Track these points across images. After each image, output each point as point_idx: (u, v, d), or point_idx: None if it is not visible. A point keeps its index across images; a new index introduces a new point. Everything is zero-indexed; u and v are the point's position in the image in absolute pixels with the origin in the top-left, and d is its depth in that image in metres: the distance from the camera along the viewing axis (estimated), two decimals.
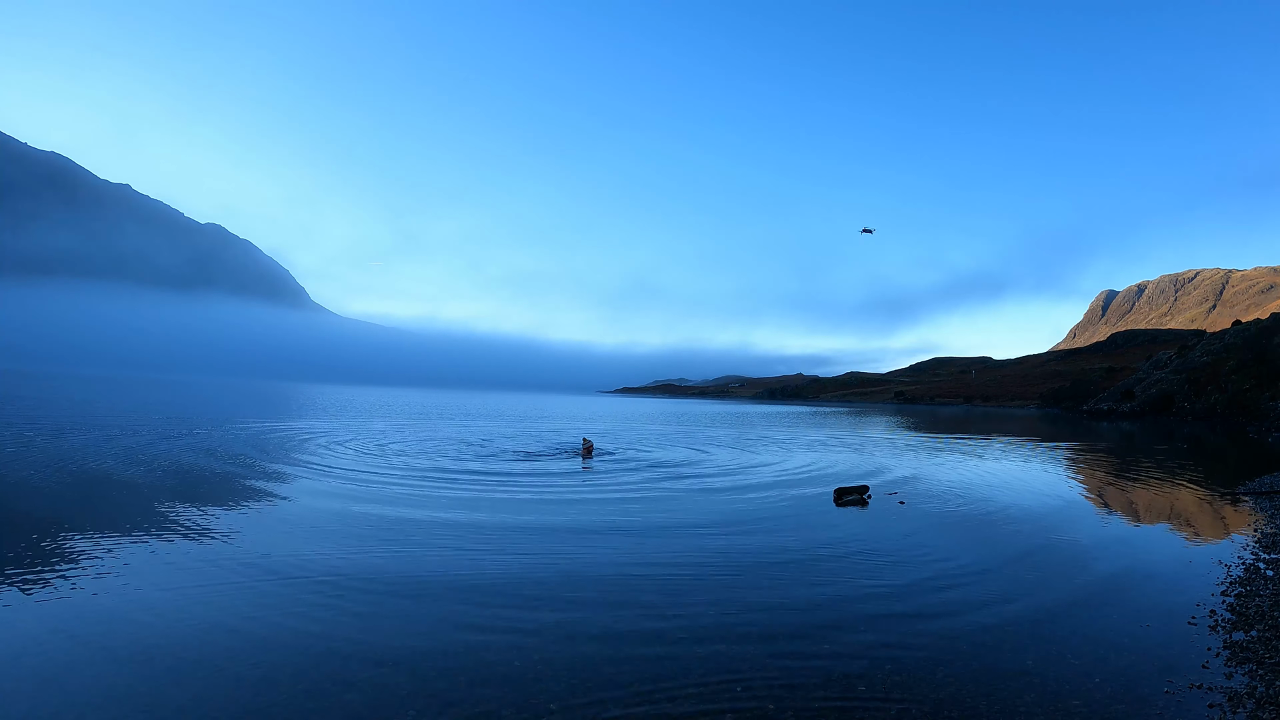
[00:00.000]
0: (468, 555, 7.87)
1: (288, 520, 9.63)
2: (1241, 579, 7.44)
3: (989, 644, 5.46)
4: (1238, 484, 15.90)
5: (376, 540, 8.47)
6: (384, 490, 12.34)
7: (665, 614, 6.00)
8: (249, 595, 6.29)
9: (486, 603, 6.21)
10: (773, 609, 6.22)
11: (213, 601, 6.10)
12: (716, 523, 10.20)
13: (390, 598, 6.30)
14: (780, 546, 8.71)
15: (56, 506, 10.00)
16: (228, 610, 5.86)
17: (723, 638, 5.46)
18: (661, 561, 7.83)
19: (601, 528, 9.60)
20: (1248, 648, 5.38)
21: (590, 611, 6.04)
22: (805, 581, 7.16)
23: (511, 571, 7.26)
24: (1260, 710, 4.35)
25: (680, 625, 5.73)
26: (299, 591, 6.44)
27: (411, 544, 8.33)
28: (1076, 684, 4.74)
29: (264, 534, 8.72)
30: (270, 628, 5.49)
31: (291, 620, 5.67)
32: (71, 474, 12.77)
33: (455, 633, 5.47)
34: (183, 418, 29.24)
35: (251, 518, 9.76)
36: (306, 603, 6.12)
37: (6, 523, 8.93)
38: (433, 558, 7.73)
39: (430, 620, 5.74)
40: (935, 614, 6.19)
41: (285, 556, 7.64)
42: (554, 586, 6.78)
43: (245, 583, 6.65)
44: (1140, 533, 10.31)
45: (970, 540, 9.44)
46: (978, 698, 4.50)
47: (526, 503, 11.58)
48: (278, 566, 7.23)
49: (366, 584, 6.71)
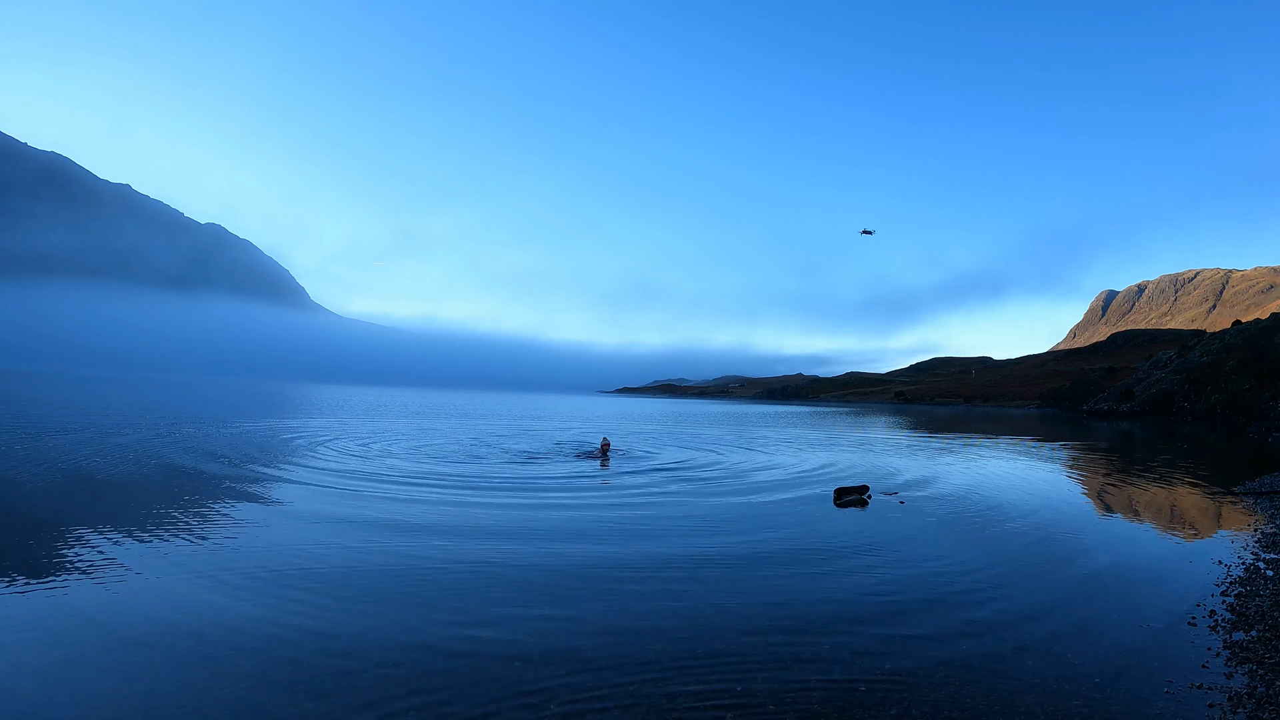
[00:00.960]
0: (467, 555, 7.87)
1: (259, 524, 9.45)
2: (1241, 579, 7.43)
3: (989, 644, 5.45)
4: (1238, 484, 15.90)
5: (364, 544, 8.46)
6: (406, 494, 12.33)
7: (665, 613, 6.00)
8: (204, 603, 6.14)
9: (487, 598, 6.21)
10: (772, 609, 6.21)
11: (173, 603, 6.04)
12: (717, 523, 10.19)
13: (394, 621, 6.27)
14: (780, 546, 8.70)
15: (27, 508, 9.95)
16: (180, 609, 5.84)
17: (722, 637, 5.45)
18: (663, 561, 7.83)
19: (614, 528, 9.59)
20: (1248, 648, 5.38)
21: (591, 609, 6.04)
22: (804, 581, 7.15)
23: (514, 572, 7.25)
24: (1260, 710, 4.35)
25: (680, 625, 5.72)
26: (265, 601, 6.29)
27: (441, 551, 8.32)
28: (1076, 684, 4.73)
29: (241, 538, 8.60)
30: (225, 640, 5.34)
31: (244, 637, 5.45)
32: (47, 474, 12.72)
33: (451, 629, 5.47)
34: (172, 417, 29.21)
35: (225, 521, 9.67)
36: (271, 617, 6.02)
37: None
38: (442, 559, 7.73)
39: (428, 625, 5.73)
40: (935, 614, 6.18)
41: (252, 563, 7.28)
42: (560, 585, 6.78)
43: (202, 590, 6.34)
44: (1140, 532, 10.30)
45: (969, 540, 9.44)
46: (978, 697, 4.50)
47: (543, 506, 11.57)
48: (246, 572, 6.96)
49: (349, 592, 6.68)
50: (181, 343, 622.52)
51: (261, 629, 5.42)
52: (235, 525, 9.12)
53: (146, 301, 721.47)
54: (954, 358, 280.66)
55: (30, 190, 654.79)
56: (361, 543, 8.30)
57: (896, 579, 7.32)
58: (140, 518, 9.31)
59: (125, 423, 24.86)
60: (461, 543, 8.43)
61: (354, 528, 9.13)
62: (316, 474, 14.06)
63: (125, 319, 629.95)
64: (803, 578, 7.28)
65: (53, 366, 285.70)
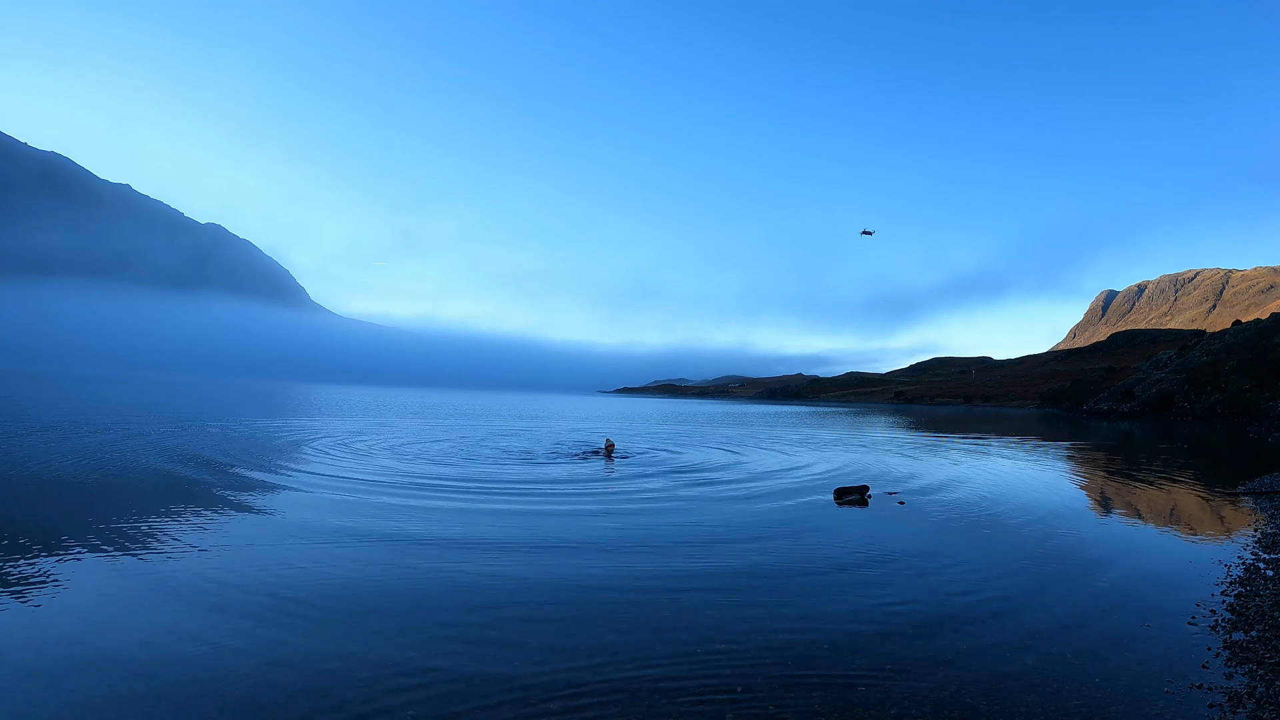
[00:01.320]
0: (467, 565, 7.87)
1: (243, 532, 8.88)
2: (1241, 579, 7.43)
3: (989, 643, 5.45)
4: (1238, 484, 15.89)
5: (350, 555, 8.45)
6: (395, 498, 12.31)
7: (666, 614, 6.00)
8: (165, 622, 5.54)
9: (486, 606, 6.21)
10: (772, 609, 6.21)
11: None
12: (718, 523, 10.19)
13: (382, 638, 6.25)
14: (780, 546, 8.70)
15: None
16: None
17: (723, 638, 5.45)
18: (663, 561, 7.83)
19: (618, 531, 9.59)
20: (1248, 648, 5.38)
21: (592, 611, 6.04)
22: (804, 581, 7.15)
23: (517, 580, 7.25)
24: (1260, 710, 4.34)
25: (681, 625, 5.72)
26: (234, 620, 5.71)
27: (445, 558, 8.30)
28: (1076, 684, 4.73)
29: (214, 548, 7.96)
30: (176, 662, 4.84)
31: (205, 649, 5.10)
32: (12, 476, 12.50)
33: (454, 646, 5.47)
34: (159, 417, 29.20)
35: (197, 529, 9.17)
36: (246, 632, 5.63)
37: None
38: (438, 570, 7.72)
39: (425, 640, 5.73)
40: (934, 614, 6.18)
41: (230, 576, 6.65)
42: (560, 586, 6.78)
43: (165, 609, 5.73)
44: (1140, 532, 10.30)
45: (969, 539, 9.43)
46: (978, 697, 4.49)
47: (547, 511, 11.56)
48: (217, 588, 6.28)
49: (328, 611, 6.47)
50: (181, 343, 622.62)
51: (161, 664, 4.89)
52: (208, 531, 9.07)
53: (146, 301, 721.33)
54: (954, 358, 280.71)
55: (30, 190, 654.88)
56: (358, 551, 8.29)
57: (896, 579, 7.32)
58: (69, 526, 9.14)
59: (107, 422, 24.85)
60: (464, 549, 8.43)
61: (352, 534, 9.11)
62: (309, 477, 13.90)
63: (125, 319, 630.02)
64: (802, 578, 7.28)
65: (52, 366, 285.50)
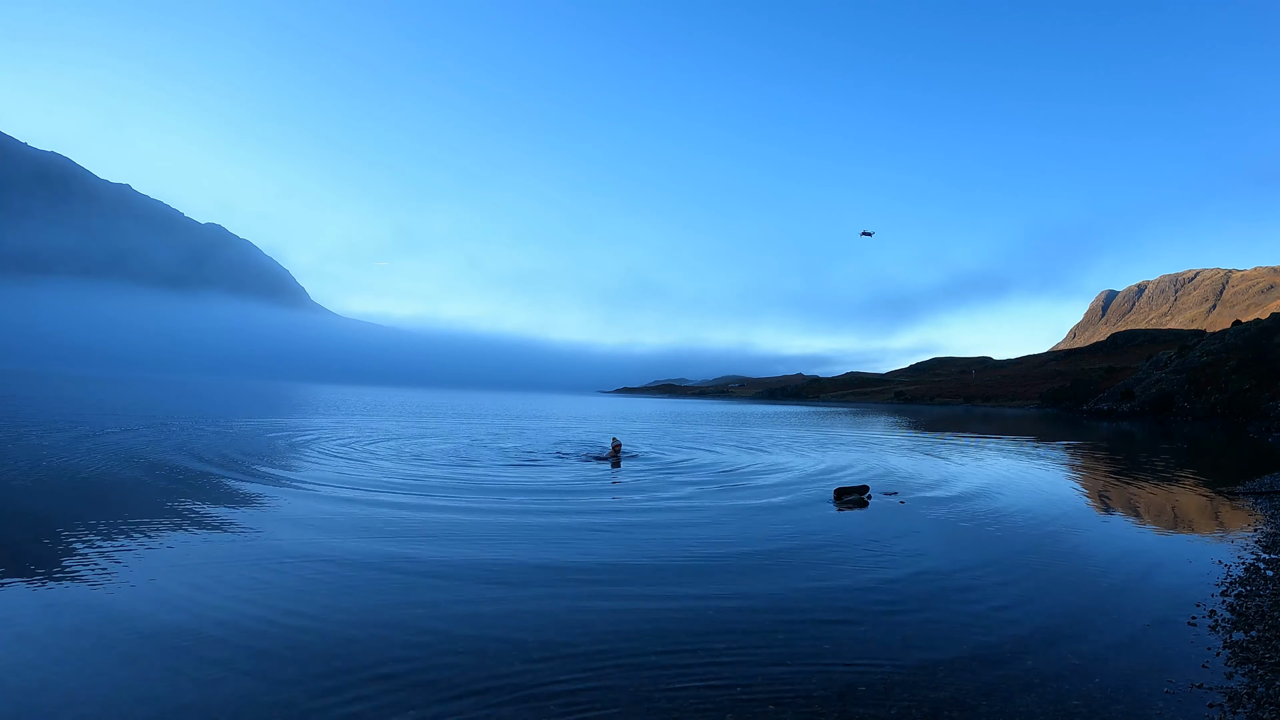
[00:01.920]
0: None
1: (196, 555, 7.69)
2: (1241, 579, 7.43)
3: (989, 644, 5.45)
4: (1238, 484, 15.90)
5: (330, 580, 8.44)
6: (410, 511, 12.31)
7: (667, 615, 5.99)
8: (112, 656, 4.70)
9: (485, 616, 6.20)
10: (772, 609, 6.21)
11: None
12: (719, 524, 10.18)
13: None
14: (780, 546, 8.70)
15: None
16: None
17: (724, 638, 5.45)
18: (664, 562, 7.83)
19: (625, 534, 9.59)
20: (1248, 648, 5.38)
21: (592, 611, 6.03)
22: (804, 582, 7.15)
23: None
24: (1260, 710, 4.34)
25: (680, 625, 5.72)
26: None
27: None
28: (1076, 684, 4.73)
29: (159, 569, 6.77)
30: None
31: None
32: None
33: (439, 656, 5.46)
34: (147, 416, 29.19)
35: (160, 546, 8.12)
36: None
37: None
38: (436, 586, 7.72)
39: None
40: (934, 614, 6.18)
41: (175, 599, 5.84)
42: (561, 588, 6.78)
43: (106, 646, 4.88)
44: (1140, 532, 10.30)
45: (969, 540, 9.43)
46: (978, 698, 4.49)
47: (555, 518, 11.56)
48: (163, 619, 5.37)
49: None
50: (180, 343, 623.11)
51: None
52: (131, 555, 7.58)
53: (146, 301, 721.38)
54: (954, 358, 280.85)
55: (29, 190, 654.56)
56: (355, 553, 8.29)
57: (895, 579, 7.32)
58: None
59: (80, 422, 24.84)
60: (465, 554, 8.42)
61: (351, 541, 9.11)
62: (302, 481, 13.91)
63: (125, 319, 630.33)
64: (802, 578, 7.28)
65: (52, 367, 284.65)
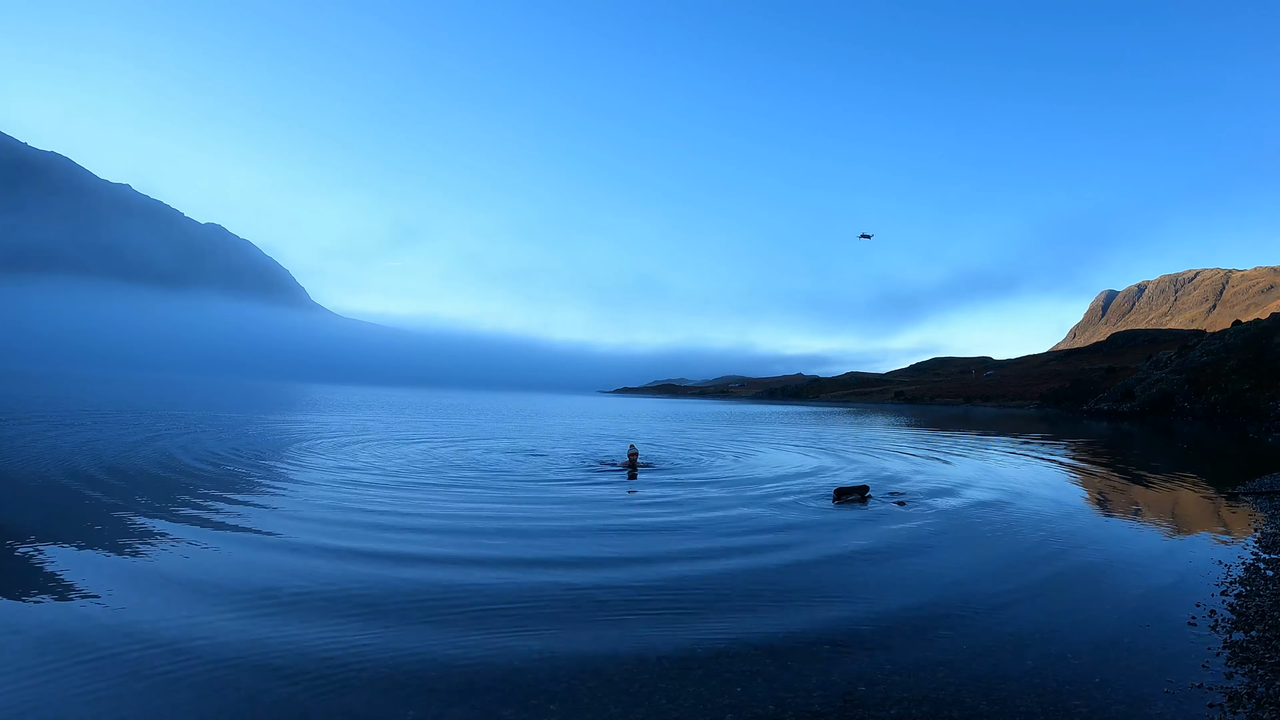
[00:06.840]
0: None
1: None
2: (1241, 579, 7.43)
3: (989, 644, 5.45)
4: (1238, 484, 15.89)
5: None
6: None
7: (668, 616, 5.99)
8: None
9: (478, 626, 6.20)
10: (772, 610, 6.21)
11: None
12: (721, 524, 10.19)
13: None
14: (780, 546, 8.69)
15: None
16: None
17: (723, 637, 5.45)
18: (664, 563, 7.82)
19: (643, 540, 9.58)
20: (1248, 648, 5.37)
21: (594, 613, 6.04)
22: (803, 582, 7.14)
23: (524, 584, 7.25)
24: (1260, 710, 4.34)
25: (680, 625, 5.72)
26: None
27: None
28: (1076, 684, 4.73)
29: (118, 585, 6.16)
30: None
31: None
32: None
33: (421, 664, 5.46)
34: (137, 415, 29.18)
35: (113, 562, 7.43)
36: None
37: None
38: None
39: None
40: (934, 614, 6.17)
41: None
42: (561, 590, 6.78)
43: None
44: (1140, 532, 10.29)
45: (968, 540, 9.42)
46: (978, 698, 4.49)
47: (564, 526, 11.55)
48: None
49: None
50: (180, 342, 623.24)
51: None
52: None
53: (146, 301, 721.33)
54: (954, 358, 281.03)
55: (30, 189, 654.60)
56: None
57: (895, 579, 7.31)
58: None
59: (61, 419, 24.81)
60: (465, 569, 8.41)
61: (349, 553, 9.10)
62: (297, 485, 13.98)
63: (125, 319, 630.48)
64: (801, 578, 7.27)
65: (52, 367, 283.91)
